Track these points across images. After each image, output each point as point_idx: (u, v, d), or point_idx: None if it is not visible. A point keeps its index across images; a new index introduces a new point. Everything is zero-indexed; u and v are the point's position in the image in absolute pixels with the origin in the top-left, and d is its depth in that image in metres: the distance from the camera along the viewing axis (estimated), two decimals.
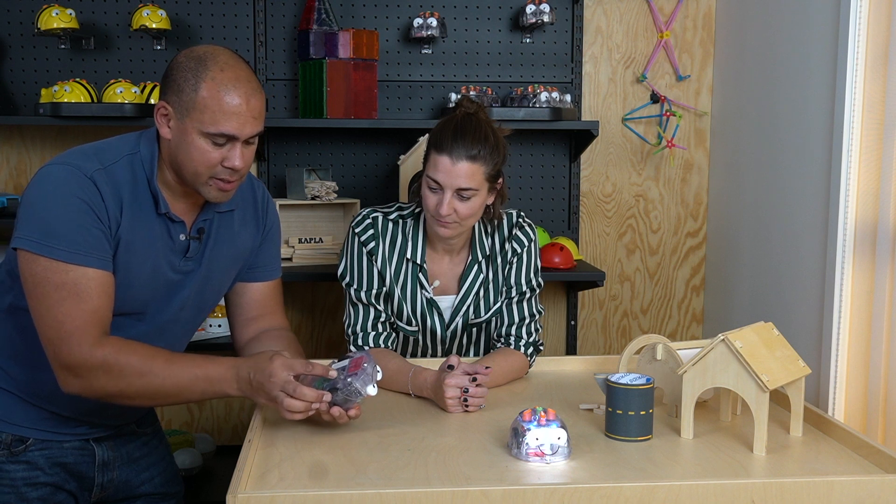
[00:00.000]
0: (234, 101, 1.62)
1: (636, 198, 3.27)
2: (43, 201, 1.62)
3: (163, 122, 1.67)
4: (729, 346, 1.63)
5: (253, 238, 1.91)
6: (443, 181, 1.98)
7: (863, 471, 1.57)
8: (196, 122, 1.62)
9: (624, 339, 3.33)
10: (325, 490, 1.42)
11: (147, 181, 1.70)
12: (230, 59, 1.66)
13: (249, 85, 1.65)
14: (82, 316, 1.60)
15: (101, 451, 1.86)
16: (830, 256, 2.34)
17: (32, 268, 1.61)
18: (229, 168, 1.66)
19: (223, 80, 1.62)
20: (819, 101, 2.45)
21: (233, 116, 1.62)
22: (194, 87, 1.62)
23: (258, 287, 1.96)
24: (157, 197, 1.70)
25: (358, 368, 1.67)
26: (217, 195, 1.71)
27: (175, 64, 1.67)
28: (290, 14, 3.08)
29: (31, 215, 1.62)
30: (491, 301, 2.16)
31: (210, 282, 1.84)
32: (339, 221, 3.00)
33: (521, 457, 1.58)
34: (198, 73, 1.62)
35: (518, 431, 1.59)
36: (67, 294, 1.60)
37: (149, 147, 1.71)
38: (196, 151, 1.64)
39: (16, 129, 3.05)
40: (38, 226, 1.60)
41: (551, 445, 1.56)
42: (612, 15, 3.19)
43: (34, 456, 1.77)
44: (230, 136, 1.64)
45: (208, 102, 1.61)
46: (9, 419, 1.76)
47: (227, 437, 3.26)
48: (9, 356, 1.76)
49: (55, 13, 2.81)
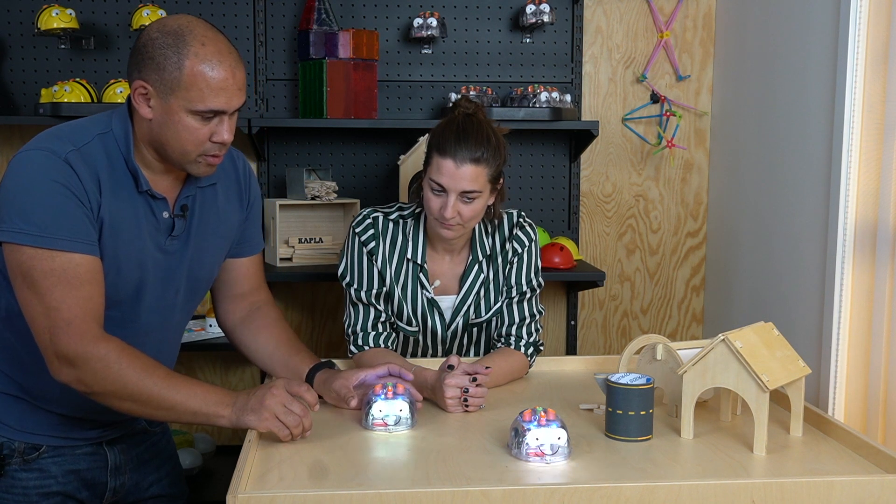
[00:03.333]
0: (220, 76, 1.59)
1: (636, 198, 3.27)
2: (20, 189, 1.57)
3: (141, 101, 1.61)
4: (729, 346, 1.63)
5: (239, 212, 1.88)
6: (447, 184, 1.98)
7: (863, 471, 1.57)
8: (182, 101, 1.58)
9: (624, 339, 3.33)
10: (325, 490, 1.42)
11: (124, 159, 1.65)
12: (208, 32, 1.62)
13: (232, 56, 1.62)
14: (77, 304, 1.57)
15: (112, 456, 1.83)
16: (830, 256, 2.34)
17: (18, 258, 1.56)
18: (218, 143, 1.64)
19: (206, 54, 1.58)
20: (819, 101, 2.45)
21: (221, 92, 1.59)
22: (177, 65, 1.57)
23: (244, 262, 1.94)
24: (137, 174, 1.66)
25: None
26: (205, 170, 1.68)
27: (149, 40, 1.60)
28: (290, 14, 3.08)
29: (9, 205, 1.57)
30: (491, 301, 2.16)
31: (201, 261, 1.80)
32: (339, 221, 3.00)
33: (521, 457, 1.58)
34: (178, 49, 1.57)
35: (518, 431, 1.59)
36: (57, 281, 1.55)
37: (122, 125, 1.66)
38: (184, 130, 1.61)
39: (16, 129, 3.05)
40: (18, 215, 1.55)
41: (551, 445, 1.56)
42: (612, 15, 3.19)
43: (47, 463, 1.74)
44: (219, 111, 1.61)
45: (195, 80, 1.57)
46: (21, 427, 1.72)
47: (227, 437, 3.26)
48: (13, 363, 1.72)
49: (55, 13, 2.81)
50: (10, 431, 1.72)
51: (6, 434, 1.71)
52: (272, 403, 1.62)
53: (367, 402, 1.76)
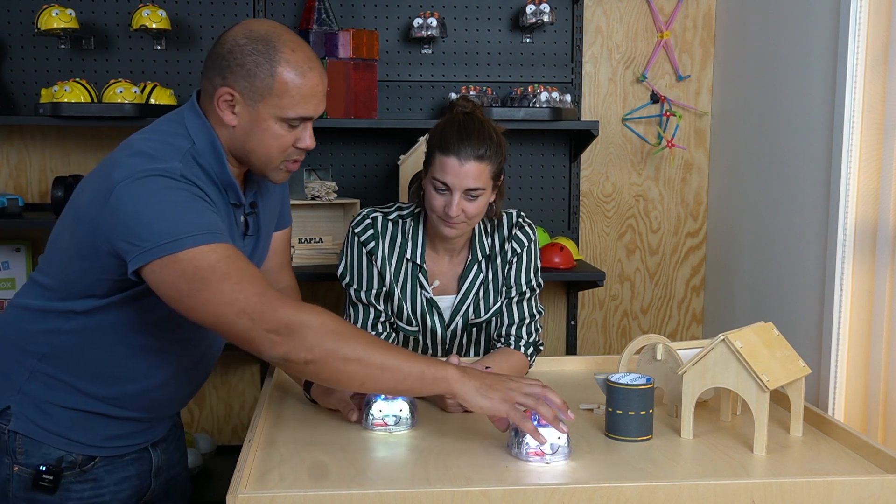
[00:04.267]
0: (311, 83, 1.59)
1: (636, 198, 3.27)
2: (148, 210, 1.50)
3: (226, 108, 1.61)
4: (729, 346, 1.63)
5: (279, 194, 1.90)
6: (451, 182, 1.98)
7: (863, 471, 1.57)
8: (273, 108, 1.58)
9: (624, 339, 3.33)
10: (325, 490, 1.42)
11: (215, 173, 1.63)
12: (295, 38, 1.62)
13: (319, 63, 1.63)
14: (256, 278, 1.50)
15: (156, 457, 1.84)
16: (830, 256, 2.34)
17: (175, 269, 1.48)
18: (302, 148, 1.65)
19: (297, 61, 1.58)
20: (819, 101, 2.45)
21: (311, 98, 1.60)
22: (269, 72, 1.56)
23: (277, 236, 1.95)
24: (234, 188, 1.65)
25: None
26: (284, 176, 1.69)
27: (236, 47, 1.59)
28: (290, 14, 3.08)
29: (145, 228, 1.48)
30: (491, 301, 2.16)
31: (265, 250, 1.84)
32: (339, 221, 3.00)
33: (521, 457, 1.58)
34: (270, 56, 1.57)
35: (518, 431, 1.58)
36: (228, 267, 1.48)
37: (205, 136, 1.63)
38: (271, 137, 1.61)
39: (16, 129, 3.05)
40: (159, 232, 1.48)
41: (551, 445, 1.56)
42: (612, 15, 3.19)
43: (100, 473, 1.73)
44: (307, 117, 1.62)
45: (286, 87, 1.57)
46: (78, 438, 1.71)
47: (227, 437, 3.26)
48: (88, 376, 1.69)
49: (55, 13, 2.81)
50: (72, 444, 1.70)
51: (66, 447, 1.70)
52: (516, 387, 1.57)
53: (367, 402, 1.76)
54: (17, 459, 1.68)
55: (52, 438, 1.69)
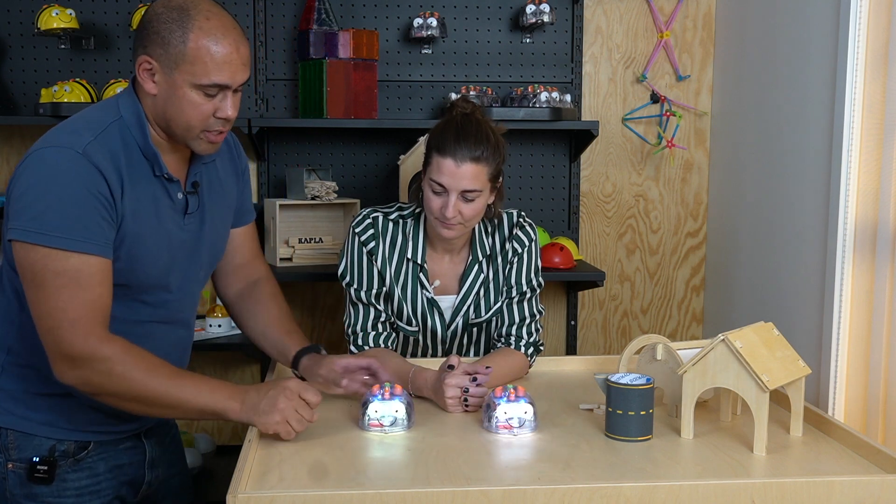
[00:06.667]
0: (224, 50, 1.60)
1: (636, 198, 3.27)
2: (37, 188, 1.55)
3: (146, 76, 1.62)
4: (729, 346, 1.63)
5: (235, 183, 1.90)
6: (447, 184, 1.98)
7: (863, 471, 1.57)
8: (187, 75, 1.59)
9: (624, 339, 3.33)
10: (325, 490, 1.43)
11: (139, 145, 1.65)
12: (213, 7, 1.63)
13: (236, 31, 1.63)
14: (84, 305, 1.57)
15: (150, 448, 1.85)
16: (830, 256, 2.34)
17: (31, 257, 1.55)
18: (222, 118, 1.65)
19: (211, 28, 1.59)
20: (819, 101, 2.45)
21: (225, 66, 1.60)
22: (182, 39, 1.58)
23: (239, 232, 1.96)
24: (157, 159, 1.66)
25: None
26: (207, 147, 1.69)
27: (154, 15, 1.61)
28: (290, 14, 3.08)
29: (25, 204, 1.56)
30: (491, 301, 2.16)
31: (218, 234, 1.84)
32: (339, 221, 3.00)
33: (491, 429, 1.71)
34: (183, 23, 1.58)
35: (489, 406, 1.71)
36: (67, 281, 1.55)
37: (131, 108, 1.66)
38: (188, 105, 1.61)
39: (16, 129, 3.05)
40: (32, 215, 1.54)
41: (518, 419, 1.70)
42: (612, 15, 3.19)
43: (94, 461, 1.74)
44: (223, 85, 1.61)
45: (199, 53, 1.58)
46: (69, 426, 1.72)
47: (227, 437, 3.26)
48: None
49: (55, 13, 2.81)
50: (60, 432, 1.71)
51: (55, 435, 1.71)
52: (286, 407, 1.63)
53: (364, 402, 1.76)
54: (10, 456, 1.69)
55: (39, 428, 1.70)
